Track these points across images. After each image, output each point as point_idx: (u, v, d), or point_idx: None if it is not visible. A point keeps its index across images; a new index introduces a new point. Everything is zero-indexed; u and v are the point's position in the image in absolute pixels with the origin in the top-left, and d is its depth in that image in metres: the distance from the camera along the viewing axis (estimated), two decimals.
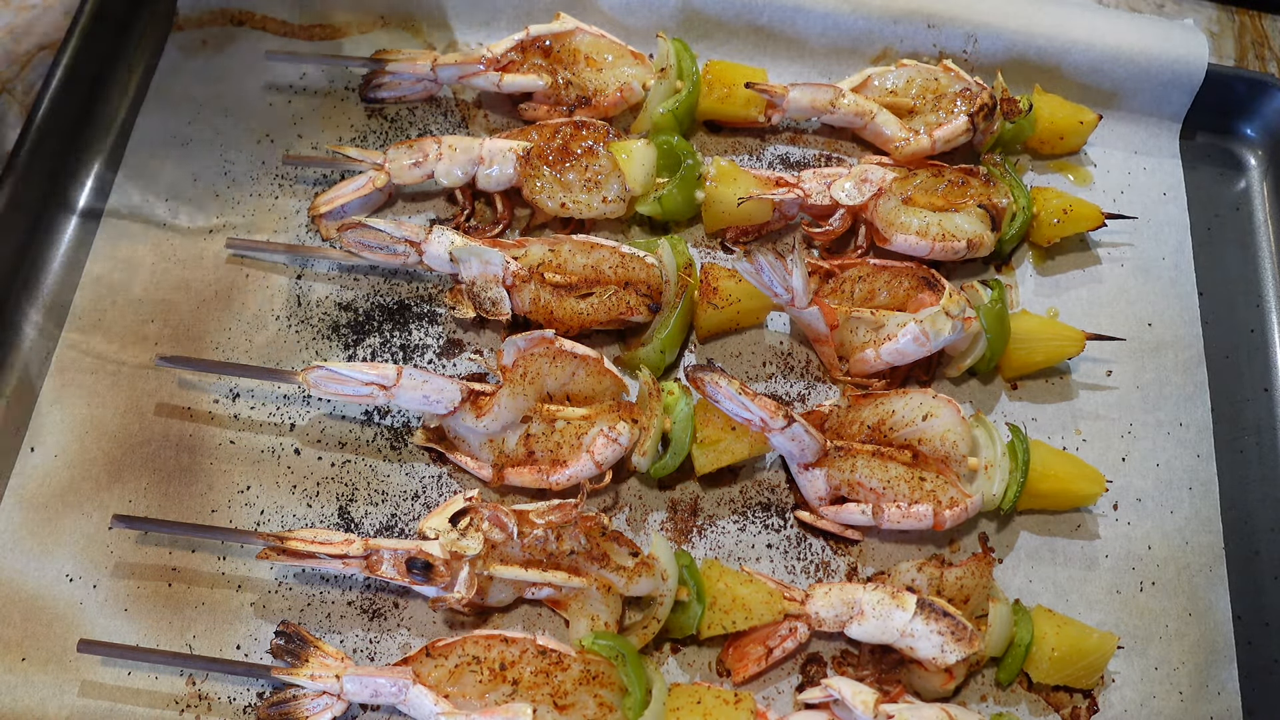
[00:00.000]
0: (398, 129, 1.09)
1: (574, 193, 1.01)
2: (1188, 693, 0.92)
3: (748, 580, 0.87)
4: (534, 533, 0.84)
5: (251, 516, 0.91)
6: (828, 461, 0.91)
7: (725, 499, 0.95)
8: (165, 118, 1.06)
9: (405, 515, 0.92)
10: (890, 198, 1.02)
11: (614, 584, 0.84)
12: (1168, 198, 1.14)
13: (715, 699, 0.82)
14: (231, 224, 1.02)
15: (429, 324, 1.00)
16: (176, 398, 0.95)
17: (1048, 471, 0.94)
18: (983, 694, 0.90)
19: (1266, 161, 1.18)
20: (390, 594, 0.89)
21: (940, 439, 0.92)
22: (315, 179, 1.06)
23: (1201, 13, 1.29)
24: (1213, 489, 1.01)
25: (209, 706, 0.84)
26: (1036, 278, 1.09)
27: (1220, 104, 1.17)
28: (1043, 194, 1.07)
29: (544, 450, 0.90)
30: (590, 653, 0.82)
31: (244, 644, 0.86)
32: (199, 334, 0.97)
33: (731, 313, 0.96)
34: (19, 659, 0.84)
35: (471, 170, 1.01)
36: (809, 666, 0.89)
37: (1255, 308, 1.11)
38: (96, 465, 0.91)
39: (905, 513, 0.90)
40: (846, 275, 0.99)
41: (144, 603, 0.87)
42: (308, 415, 0.95)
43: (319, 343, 0.98)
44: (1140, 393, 1.04)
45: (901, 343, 0.93)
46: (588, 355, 0.92)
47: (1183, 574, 0.97)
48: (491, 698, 0.80)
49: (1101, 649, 0.88)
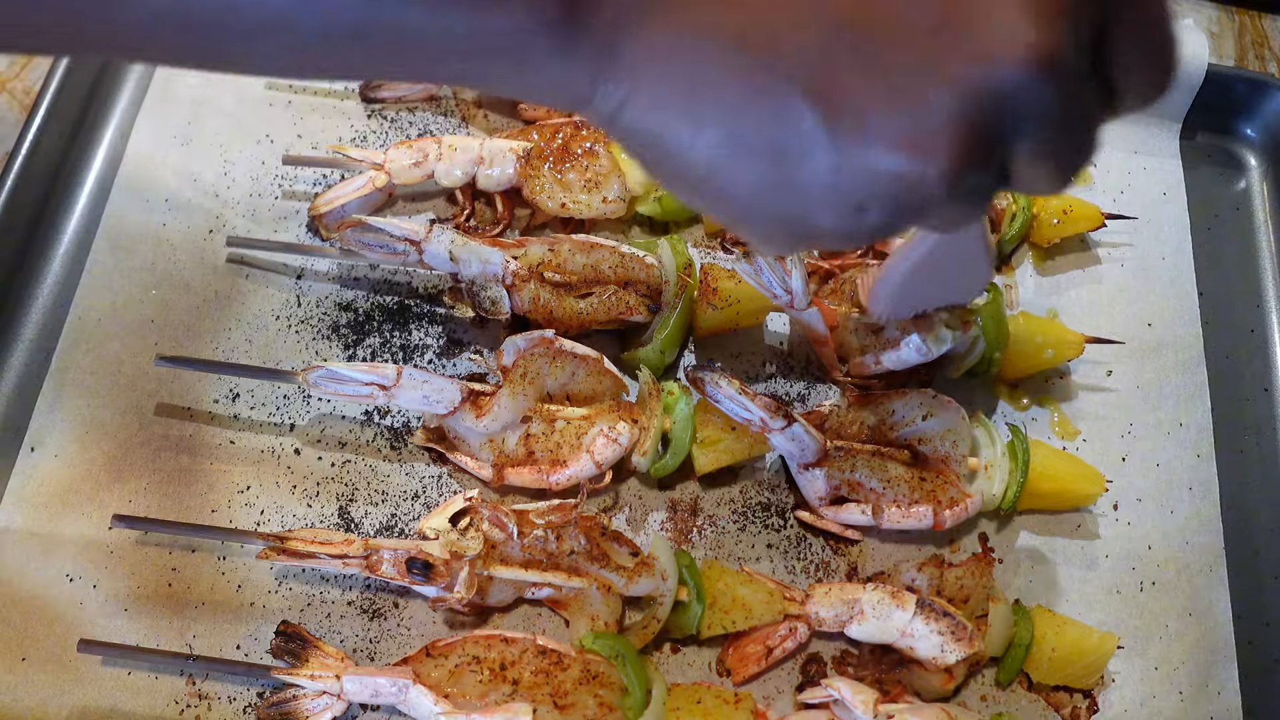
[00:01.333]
0: (398, 129, 1.09)
1: (574, 193, 1.01)
2: (1188, 692, 0.92)
3: (748, 580, 0.87)
4: (534, 533, 0.84)
5: (251, 516, 0.91)
6: (828, 461, 0.91)
7: (725, 499, 0.95)
8: (165, 118, 1.06)
9: (405, 515, 0.92)
10: None
11: (614, 584, 0.84)
12: (1168, 198, 1.14)
13: (715, 699, 0.82)
14: (231, 224, 1.02)
15: (429, 324, 1.00)
16: (176, 398, 0.95)
17: (1048, 471, 0.94)
18: (983, 694, 0.90)
19: (1266, 161, 1.18)
20: (390, 594, 0.89)
21: (940, 439, 0.92)
22: (315, 179, 1.06)
23: (1201, 13, 1.29)
24: (1213, 489, 1.01)
25: (209, 706, 0.84)
26: (1036, 278, 1.09)
27: (1220, 104, 1.17)
28: None
29: (544, 450, 0.90)
30: (590, 653, 0.82)
31: (244, 644, 0.86)
32: (199, 334, 0.97)
33: (731, 313, 0.96)
34: (19, 659, 0.84)
35: (471, 170, 1.01)
36: (809, 666, 0.89)
37: (1255, 308, 1.11)
38: (96, 465, 0.91)
39: (905, 513, 0.90)
40: (846, 275, 0.99)
41: (144, 603, 0.87)
42: (308, 415, 0.95)
43: (319, 343, 0.98)
44: (1140, 393, 1.04)
45: (904, 352, 0.93)
46: (588, 355, 0.92)
47: (1183, 574, 0.97)
48: (492, 697, 0.80)
49: (1101, 649, 0.88)
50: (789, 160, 0.49)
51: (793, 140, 0.48)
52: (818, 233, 0.52)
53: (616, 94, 0.51)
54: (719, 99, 0.49)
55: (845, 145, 0.48)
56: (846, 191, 0.49)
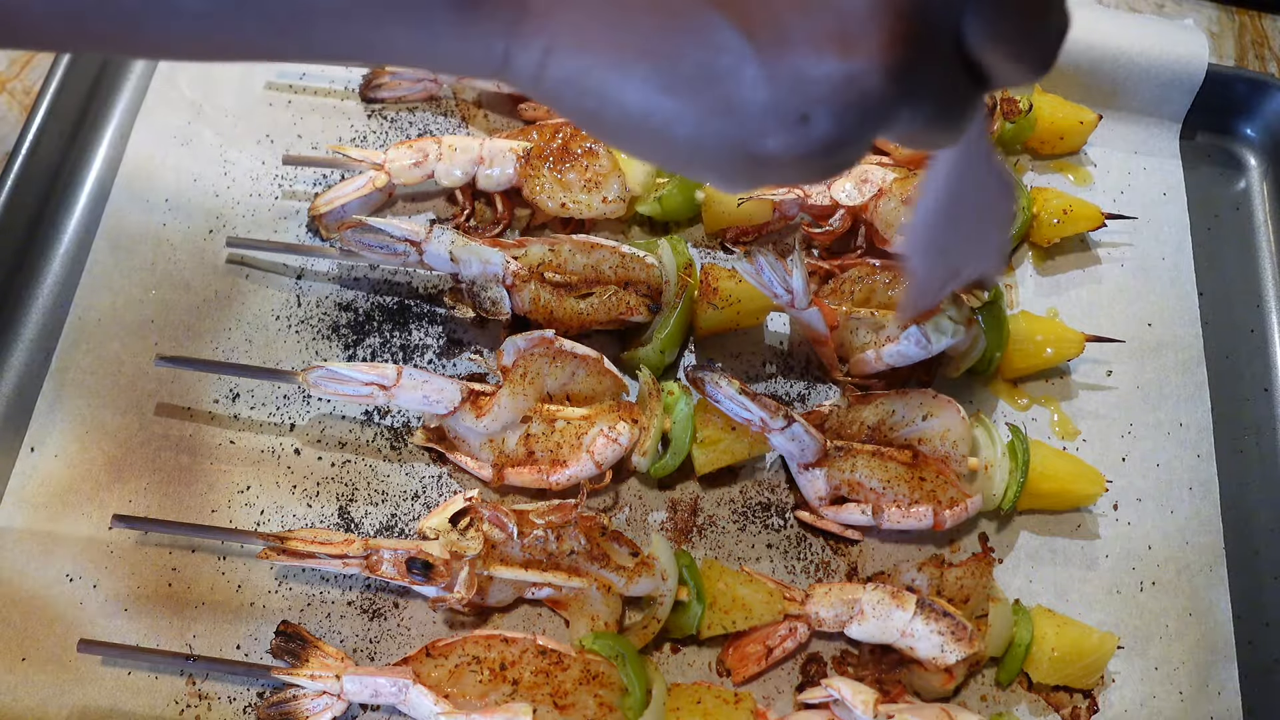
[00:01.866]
0: (398, 129, 1.09)
1: (574, 193, 1.01)
2: (1188, 692, 0.92)
3: (748, 580, 0.87)
4: (534, 533, 0.84)
5: (251, 516, 0.91)
6: (828, 461, 0.91)
7: (725, 499, 0.95)
8: (165, 118, 1.06)
9: (405, 515, 0.92)
10: (891, 198, 1.02)
11: (614, 584, 0.84)
12: (1168, 198, 1.14)
13: (715, 699, 0.82)
14: (231, 224, 1.02)
15: (429, 324, 1.00)
16: (176, 398, 0.95)
17: (1048, 471, 0.94)
18: (983, 694, 0.90)
19: (1266, 161, 1.18)
20: (390, 594, 0.89)
21: (940, 439, 0.92)
22: (315, 179, 1.06)
23: (1201, 13, 1.29)
24: (1213, 489, 1.01)
25: (209, 706, 0.84)
26: (1036, 278, 1.09)
27: (1220, 104, 1.17)
28: (1043, 194, 1.07)
29: (544, 450, 0.90)
30: (590, 653, 0.82)
31: (244, 644, 0.86)
32: (199, 334, 0.97)
33: (731, 313, 0.96)
34: (19, 659, 0.84)
35: (471, 170, 1.01)
36: (809, 666, 0.89)
37: (1255, 308, 1.11)
38: (96, 465, 0.91)
39: (905, 513, 0.90)
40: (846, 275, 0.99)
41: (144, 603, 0.87)
42: (308, 415, 0.95)
43: (319, 343, 0.98)
44: (1140, 393, 1.04)
45: (903, 346, 0.93)
46: (588, 355, 0.92)
47: (1183, 574, 0.97)
48: (492, 697, 0.80)
49: (1101, 649, 0.88)
50: (721, 82, 0.47)
51: (720, 60, 0.47)
52: (770, 158, 0.49)
53: (535, 48, 0.49)
54: (639, 31, 0.48)
55: (771, 55, 0.46)
56: (785, 104, 0.47)
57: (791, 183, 0.55)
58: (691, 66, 0.47)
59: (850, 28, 0.45)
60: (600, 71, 0.49)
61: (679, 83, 0.48)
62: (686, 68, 0.48)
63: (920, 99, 0.48)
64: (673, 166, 0.54)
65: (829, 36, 0.45)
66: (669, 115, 0.49)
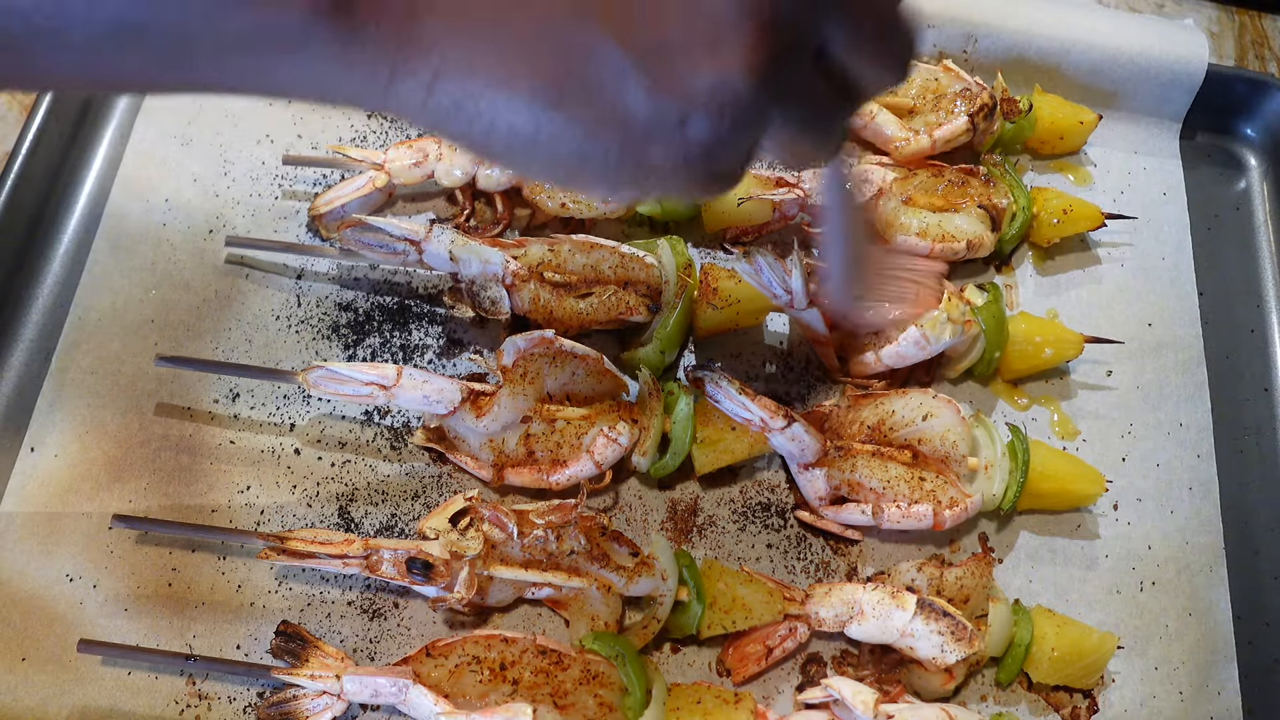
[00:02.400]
0: (398, 129, 1.09)
1: (574, 192, 1.01)
2: (1188, 693, 0.92)
3: (748, 580, 0.87)
4: (534, 533, 0.84)
5: (251, 516, 0.91)
6: (828, 461, 0.91)
7: (725, 499, 0.95)
8: (165, 118, 1.06)
9: (405, 515, 0.92)
10: (890, 198, 1.02)
11: (614, 584, 0.84)
12: (1168, 198, 1.14)
13: (715, 699, 0.82)
14: (231, 224, 1.02)
15: (429, 324, 1.00)
16: (176, 398, 0.95)
17: (1048, 471, 0.94)
18: (983, 694, 0.90)
19: (1266, 161, 1.18)
20: (390, 594, 0.89)
21: (940, 439, 0.92)
22: (315, 179, 1.06)
23: (1201, 13, 1.29)
24: (1213, 489, 1.01)
25: (209, 706, 0.84)
26: (1036, 278, 1.09)
27: (1220, 104, 1.17)
28: (1043, 194, 1.07)
29: (544, 450, 0.90)
30: (590, 653, 0.82)
31: (244, 644, 0.86)
32: (199, 334, 0.97)
33: (731, 313, 0.96)
34: (19, 659, 0.84)
35: (471, 170, 1.01)
36: (809, 666, 0.89)
37: (1255, 308, 1.11)
38: (96, 465, 0.91)
39: (905, 513, 0.90)
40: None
41: (144, 603, 0.87)
42: (308, 415, 0.95)
43: (319, 343, 0.98)
44: (1140, 393, 1.04)
45: (902, 346, 0.93)
46: (588, 355, 0.92)
47: (1183, 574, 0.97)
48: (492, 697, 0.80)
49: (1101, 649, 0.88)
50: (606, 95, 0.49)
51: (604, 74, 0.48)
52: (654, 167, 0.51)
53: (424, 73, 0.50)
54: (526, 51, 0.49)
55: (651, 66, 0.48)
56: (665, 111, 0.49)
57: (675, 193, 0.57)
58: (577, 82, 0.49)
59: (719, 35, 0.48)
60: (490, 92, 0.50)
61: (566, 98, 0.50)
62: (573, 84, 0.49)
63: (788, 102, 0.51)
64: (560, 181, 0.55)
65: (701, 45, 0.48)
66: (557, 131, 0.50)
